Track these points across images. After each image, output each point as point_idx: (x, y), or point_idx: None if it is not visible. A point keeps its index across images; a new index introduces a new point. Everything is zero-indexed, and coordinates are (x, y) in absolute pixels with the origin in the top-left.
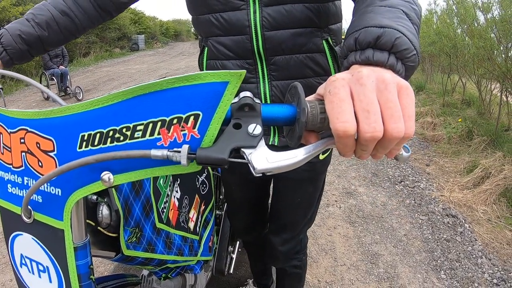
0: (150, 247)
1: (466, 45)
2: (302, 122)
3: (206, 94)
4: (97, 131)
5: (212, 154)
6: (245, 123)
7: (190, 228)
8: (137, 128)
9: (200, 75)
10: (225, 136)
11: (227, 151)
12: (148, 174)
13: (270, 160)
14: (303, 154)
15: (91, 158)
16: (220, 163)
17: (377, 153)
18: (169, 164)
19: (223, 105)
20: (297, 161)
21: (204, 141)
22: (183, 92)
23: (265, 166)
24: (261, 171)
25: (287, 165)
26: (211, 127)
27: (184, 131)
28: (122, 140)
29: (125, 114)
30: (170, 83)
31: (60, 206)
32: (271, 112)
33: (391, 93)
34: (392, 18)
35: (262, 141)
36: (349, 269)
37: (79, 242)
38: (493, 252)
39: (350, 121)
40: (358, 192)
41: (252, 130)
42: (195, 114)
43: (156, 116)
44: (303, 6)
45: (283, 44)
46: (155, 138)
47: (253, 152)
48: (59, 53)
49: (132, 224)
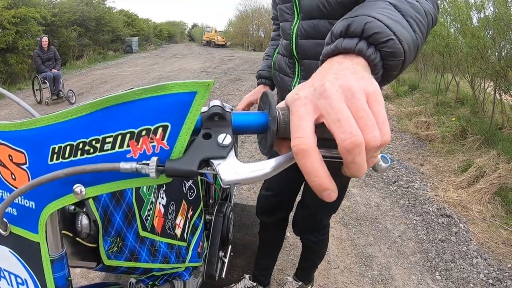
0: (133, 256)
1: (459, 44)
2: (273, 130)
3: (174, 105)
4: (67, 143)
5: (181, 166)
6: (215, 133)
7: (177, 234)
8: (106, 141)
9: (168, 86)
10: (195, 147)
11: (196, 162)
12: (119, 187)
13: (239, 171)
14: (271, 166)
15: (61, 173)
16: (189, 175)
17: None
18: (140, 176)
19: (191, 115)
20: (265, 173)
21: (173, 153)
22: (151, 103)
23: (233, 177)
24: (229, 183)
25: (255, 177)
26: (180, 138)
27: (153, 143)
28: (92, 153)
29: (94, 126)
30: (138, 94)
31: (34, 219)
32: (243, 121)
33: (360, 101)
34: (372, 8)
35: (232, 152)
36: (343, 272)
37: (56, 255)
38: (489, 251)
39: (305, 137)
40: (351, 193)
41: (222, 140)
42: (163, 125)
43: (124, 128)
44: (327, 21)
45: (308, 51)
46: (125, 151)
47: (221, 163)
48: (51, 56)
49: (113, 234)
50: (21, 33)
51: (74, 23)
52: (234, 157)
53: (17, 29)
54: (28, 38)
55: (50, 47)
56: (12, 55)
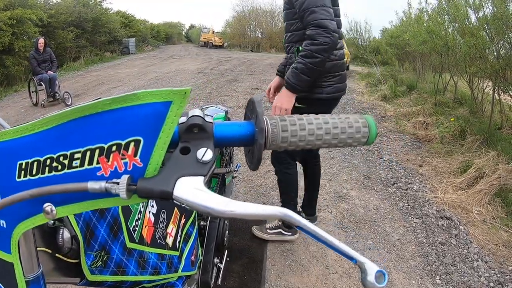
0: (120, 269)
1: (458, 44)
2: (259, 144)
3: (146, 117)
4: (34, 159)
5: (155, 187)
6: (194, 146)
7: (169, 244)
8: (74, 156)
9: (139, 95)
10: (171, 163)
11: (172, 182)
12: (91, 207)
13: (195, 194)
14: (230, 209)
15: (26, 194)
16: (164, 196)
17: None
18: (112, 196)
19: (166, 128)
20: (216, 210)
21: (148, 170)
22: (120, 115)
23: (184, 196)
24: (176, 199)
25: (204, 209)
26: (155, 154)
27: (125, 159)
28: (60, 170)
29: (61, 141)
30: (106, 105)
31: (6, 238)
32: (226, 132)
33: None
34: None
35: (211, 169)
36: (341, 277)
37: (31, 276)
38: (489, 254)
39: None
40: (350, 196)
41: (202, 156)
42: (135, 140)
43: (93, 143)
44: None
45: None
46: (95, 168)
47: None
48: (47, 58)
49: (96, 248)
50: (18, 34)
51: (71, 24)
52: (202, 177)
53: (13, 31)
54: (24, 39)
55: (46, 49)
56: (9, 57)
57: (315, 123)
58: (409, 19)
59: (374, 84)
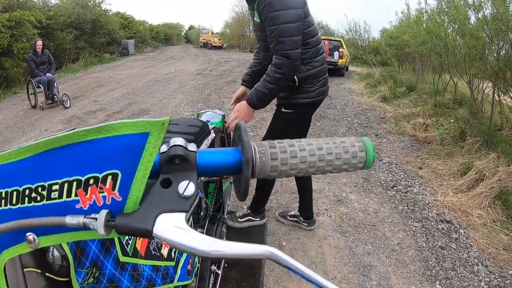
0: (113, 284)
1: (457, 45)
2: (246, 176)
3: (123, 149)
4: (14, 189)
5: (133, 224)
6: (176, 179)
7: (164, 255)
8: (52, 188)
9: (114, 126)
10: (152, 198)
11: (152, 219)
12: (72, 238)
13: (176, 233)
14: (213, 248)
15: (5, 226)
16: (143, 234)
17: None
18: (92, 229)
19: (145, 161)
20: (199, 250)
21: (127, 204)
22: (95, 147)
23: (165, 235)
24: (157, 237)
25: (186, 249)
26: (134, 188)
27: (103, 193)
28: (39, 201)
29: (38, 171)
30: (81, 136)
31: None
32: (211, 160)
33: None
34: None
35: (193, 206)
36: (340, 283)
37: None
38: (490, 258)
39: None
40: (349, 199)
41: (183, 190)
42: (112, 173)
43: (70, 174)
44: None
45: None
46: (73, 200)
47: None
48: (45, 60)
49: (88, 265)
50: (16, 36)
51: (70, 26)
52: (184, 213)
53: (12, 33)
54: (23, 41)
55: (44, 51)
56: (7, 59)
57: (307, 149)
58: (408, 20)
59: (373, 85)
